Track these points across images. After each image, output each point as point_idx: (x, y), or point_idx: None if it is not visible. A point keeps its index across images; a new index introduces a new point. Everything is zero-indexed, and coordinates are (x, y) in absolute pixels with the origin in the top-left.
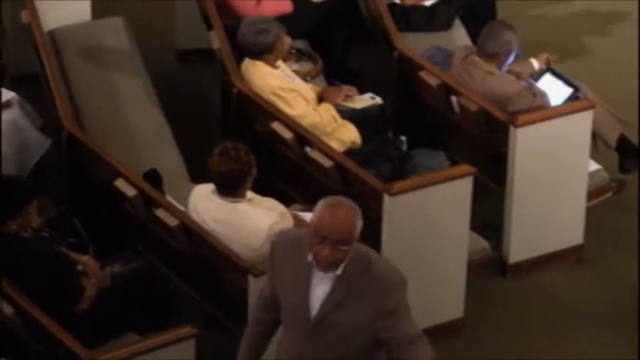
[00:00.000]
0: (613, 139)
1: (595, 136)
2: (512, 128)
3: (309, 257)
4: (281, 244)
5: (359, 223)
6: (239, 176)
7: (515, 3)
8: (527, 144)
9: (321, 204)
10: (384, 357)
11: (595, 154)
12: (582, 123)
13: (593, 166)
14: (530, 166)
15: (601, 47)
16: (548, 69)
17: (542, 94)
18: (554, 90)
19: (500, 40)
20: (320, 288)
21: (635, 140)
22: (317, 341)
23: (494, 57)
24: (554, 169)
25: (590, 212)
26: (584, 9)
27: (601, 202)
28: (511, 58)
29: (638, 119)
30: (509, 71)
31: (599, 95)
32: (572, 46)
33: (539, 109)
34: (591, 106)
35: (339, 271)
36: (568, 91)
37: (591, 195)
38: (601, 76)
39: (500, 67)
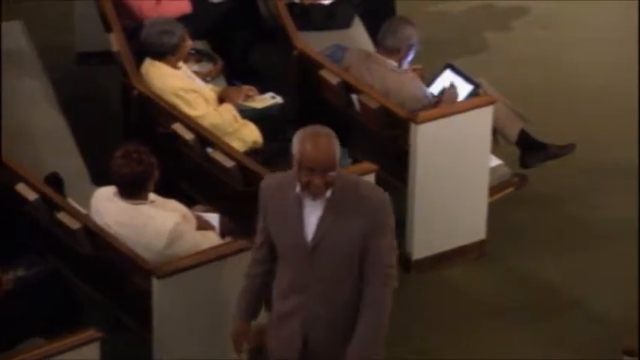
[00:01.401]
0: (514, 134)
1: (496, 131)
2: (413, 125)
3: (297, 189)
4: (267, 186)
5: (338, 146)
6: (141, 178)
7: (414, 0)
8: (428, 140)
9: (299, 137)
10: None
11: (496, 150)
12: (483, 119)
13: (495, 161)
14: (431, 162)
15: (500, 43)
16: (448, 65)
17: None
18: (449, 84)
19: (400, 35)
20: (312, 216)
21: (535, 135)
22: (315, 266)
23: (395, 52)
24: (455, 165)
25: (492, 207)
26: (484, 4)
27: (503, 198)
28: (412, 54)
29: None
30: (413, 69)
31: (499, 91)
32: (472, 42)
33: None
34: (492, 102)
35: (328, 195)
36: (468, 87)
37: (493, 190)
38: (501, 71)
39: (401, 63)
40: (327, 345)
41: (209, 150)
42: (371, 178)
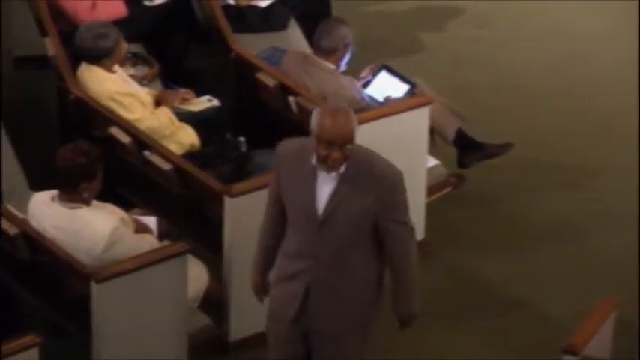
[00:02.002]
0: (451, 133)
1: (433, 131)
2: None
3: (313, 161)
4: (284, 153)
5: (356, 122)
6: (82, 172)
7: (350, 1)
8: (365, 141)
9: (319, 113)
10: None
11: (433, 150)
12: (419, 119)
13: (432, 161)
14: None
15: (436, 42)
16: (384, 66)
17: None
18: (391, 87)
19: (335, 36)
20: (325, 188)
21: (472, 134)
22: (324, 237)
23: (332, 53)
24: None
25: (430, 208)
26: (420, 5)
27: (441, 198)
28: (348, 54)
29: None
30: (346, 72)
31: (436, 90)
32: (407, 43)
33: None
34: (428, 102)
35: (342, 170)
36: (404, 87)
37: (431, 191)
38: (437, 71)
39: (338, 64)
40: (324, 309)
41: (146, 153)
42: None
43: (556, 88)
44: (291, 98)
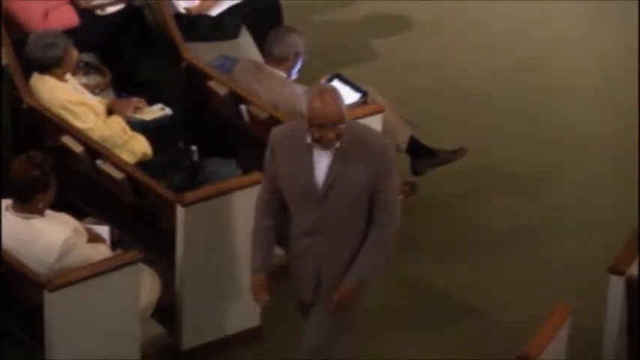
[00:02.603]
0: (403, 141)
1: None
2: None
3: (308, 140)
4: (277, 138)
5: (343, 100)
6: (36, 184)
7: (301, 9)
8: None
9: (307, 96)
10: None
11: None
12: (372, 126)
13: None
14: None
15: (388, 50)
16: (336, 75)
17: None
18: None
19: (286, 43)
20: (322, 164)
21: (425, 141)
22: (326, 210)
23: (283, 61)
24: None
25: None
26: (370, 12)
27: None
28: (299, 62)
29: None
30: (298, 80)
31: (387, 99)
32: (359, 50)
33: None
34: (380, 110)
35: (337, 144)
36: (356, 96)
37: None
38: (388, 79)
39: (289, 72)
40: (336, 281)
41: (98, 162)
42: (256, 188)
43: (509, 95)
44: (242, 107)
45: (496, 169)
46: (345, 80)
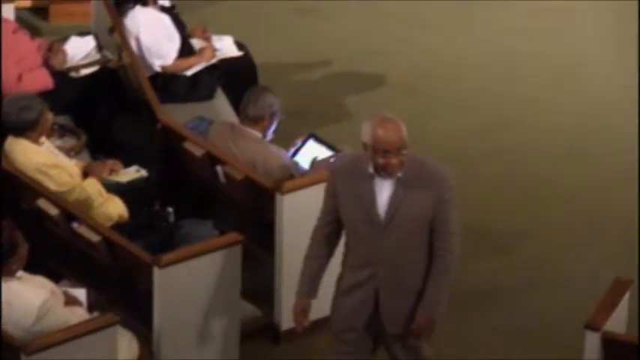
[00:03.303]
0: None
1: None
2: (278, 195)
3: (370, 169)
4: (340, 167)
5: (405, 128)
6: (5, 251)
7: (276, 69)
8: (293, 210)
9: (369, 126)
10: None
11: None
12: None
13: None
14: (297, 232)
15: (363, 110)
16: (311, 135)
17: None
18: (318, 155)
19: (262, 104)
20: (384, 193)
21: None
22: (388, 238)
23: (259, 121)
24: None
25: None
26: (345, 72)
27: None
28: (275, 123)
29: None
30: (274, 141)
31: None
32: (334, 110)
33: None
34: None
35: (399, 174)
36: (331, 155)
37: None
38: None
39: (265, 132)
40: (396, 310)
41: (74, 225)
42: (237, 249)
43: (484, 152)
44: (218, 168)
45: (471, 227)
46: (320, 140)
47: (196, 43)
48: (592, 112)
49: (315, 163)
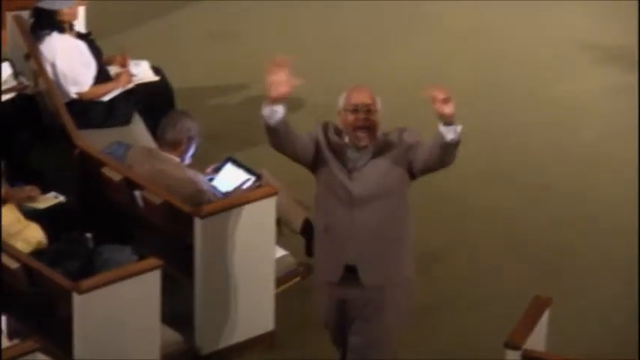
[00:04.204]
0: (298, 223)
1: (280, 222)
2: (196, 219)
3: (346, 139)
4: (323, 130)
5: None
6: None
7: (193, 93)
8: (212, 234)
9: (345, 93)
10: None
11: (281, 240)
12: (266, 210)
13: (280, 252)
14: (216, 255)
15: None
16: (229, 158)
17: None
18: (235, 179)
19: (179, 128)
20: (359, 163)
21: None
22: (362, 211)
23: (176, 145)
24: (240, 257)
25: (279, 298)
26: (261, 95)
27: (290, 287)
28: (193, 147)
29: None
30: (192, 165)
31: (281, 181)
32: (252, 133)
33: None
34: (274, 193)
35: (369, 146)
36: (250, 179)
37: (280, 281)
38: (281, 160)
39: (183, 156)
40: (373, 259)
41: None
42: (156, 274)
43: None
44: (137, 192)
45: None
46: (238, 163)
47: (112, 68)
48: (507, 133)
49: (233, 191)
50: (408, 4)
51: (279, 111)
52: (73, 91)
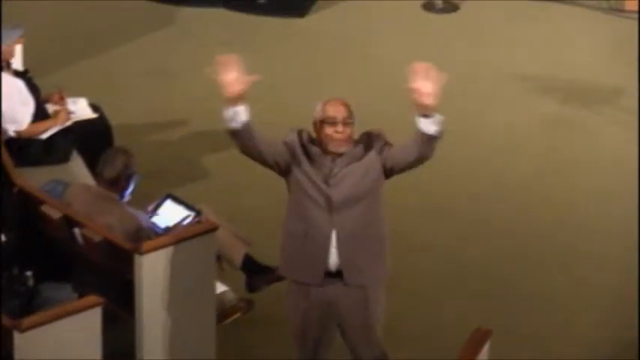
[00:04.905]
0: (238, 259)
1: (220, 257)
2: (137, 256)
3: (321, 148)
4: (297, 140)
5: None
6: None
7: (132, 130)
8: (153, 270)
9: (320, 104)
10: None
11: (222, 276)
12: (206, 245)
13: (221, 287)
14: (157, 292)
15: (219, 168)
16: (168, 195)
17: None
18: (175, 215)
19: (118, 165)
20: (334, 170)
21: (259, 258)
22: (341, 215)
23: (116, 182)
24: (181, 293)
25: (221, 333)
26: (200, 131)
27: (231, 323)
28: (132, 184)
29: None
30: (131, 202)
31: (221, 217)
32: (191, 169)
33: (163, 235)
34: (214, 228)
35: (344, 154)
36: (189, 215)
37: (221, 316)
38: (221, 196)
39: (122, 193)
40: (357, 260)
41: None
42: (97, 312)
43: None
44: (76, 230)
45: None
46: (177, 200)
47: (50, 105)
48: (443, 166)
49: (173, 228)
50: (341, 38)
51: (240, 112)
52: (12, 129)
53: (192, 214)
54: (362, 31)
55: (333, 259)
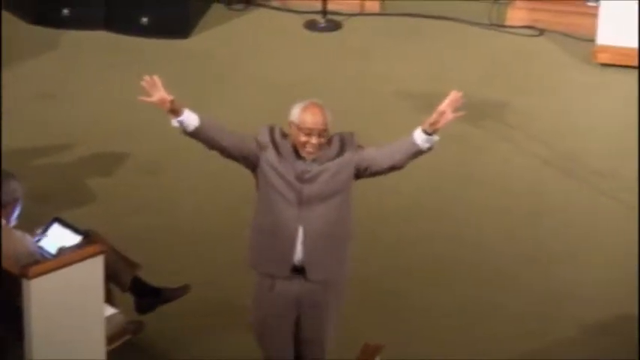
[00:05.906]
0: (126, 281)
1: (108, 279)
2: (25, 281)
3: (291, 152)
4: (270, 134)
5: (328, 114)
6: None
7: (18, 154)
8: (41, 295)
9: (298, 108)
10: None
11: (110, 298)
12: (94, 268)
13: (110, 310)
14: (46, 316)
15: (107, 191)
16: (55, 219)
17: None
18: (63, 239)
19: (4, 190)
20: (307, 170)
21: (150, 279)
22: (309, 211)
23: (2, 207)
24: (70, 316)
25: (111, 356)
26: (88, 154)
27: (121, 345)
28: (18, 208)
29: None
30: (18, 227)
31: (109, 239)
32: (78, 193)
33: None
34: (101, 252)
35: (314, 156)
36: (77, 238)
37: (111, 339)
38: (110, 219)
39: (8, 218)
40: (321, 257)
41: None
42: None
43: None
44: None
45: (226, 302)
46: (65, 223)
47: None
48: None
49: (61, 250)
50: (225, 59)
51: (184, 121)
52: None
53: (80, 237)
54: (245, 51)
55: (299, 255)
